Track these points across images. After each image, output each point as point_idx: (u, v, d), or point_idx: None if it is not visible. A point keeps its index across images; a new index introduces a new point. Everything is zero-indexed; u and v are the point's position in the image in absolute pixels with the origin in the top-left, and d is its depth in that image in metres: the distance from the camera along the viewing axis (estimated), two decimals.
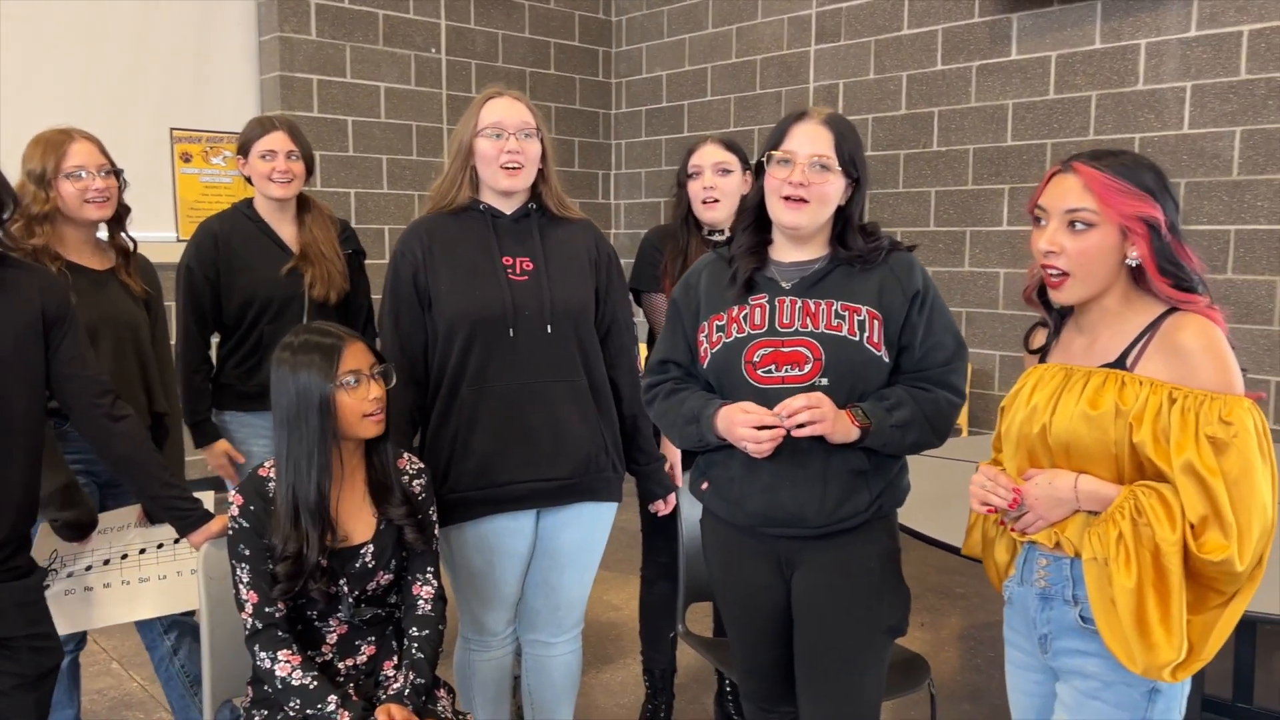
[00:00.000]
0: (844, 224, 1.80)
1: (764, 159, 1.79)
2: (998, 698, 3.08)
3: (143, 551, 2.14)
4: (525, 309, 2.12)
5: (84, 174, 2.24)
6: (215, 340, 2.73)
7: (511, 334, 2.11)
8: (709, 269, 1.91)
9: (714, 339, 1.82)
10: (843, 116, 1.81)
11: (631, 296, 2.52)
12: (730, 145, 2.69)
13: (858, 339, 1.74)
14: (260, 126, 2.68)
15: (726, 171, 2.64)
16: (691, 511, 2.52)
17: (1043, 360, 1.63)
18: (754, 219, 1.83)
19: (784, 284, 1.80)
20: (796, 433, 1.68)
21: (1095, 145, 4.48)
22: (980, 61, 4.88)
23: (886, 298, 1.77)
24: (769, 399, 1.73)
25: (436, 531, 1.97)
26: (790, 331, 1.76)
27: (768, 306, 1.79)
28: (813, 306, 1.76)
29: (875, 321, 1.75)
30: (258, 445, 2.67)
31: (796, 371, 1.74)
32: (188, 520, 1.92)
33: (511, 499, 2.14)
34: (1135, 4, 4.34)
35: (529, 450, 2.12)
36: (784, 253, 1.83)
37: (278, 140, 2.65)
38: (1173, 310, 1.48)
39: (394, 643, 1.92)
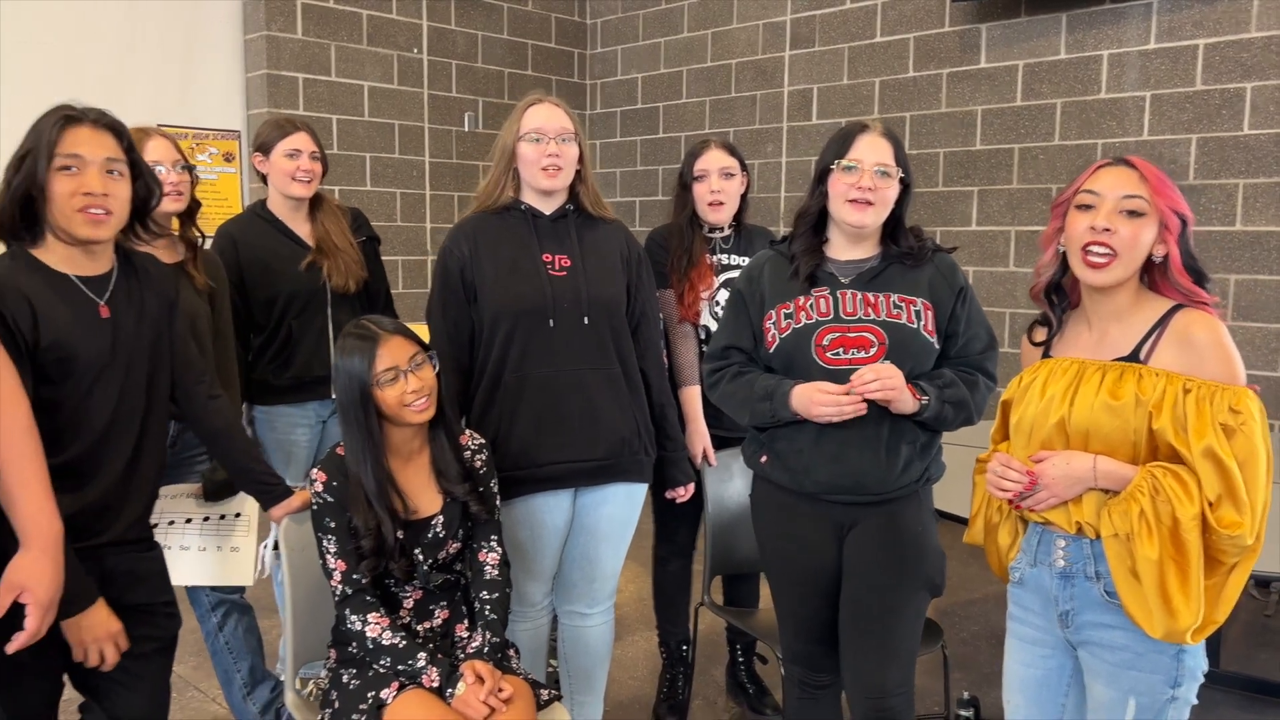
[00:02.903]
0: (895, 224, 2.03)
1: (830, 166, 1.99)
2: (986, 668, 3.29)
3: (189, 521, 2.23)
4: (564, 302, 2.26)
5: (161, 169, 2.33)
6: None
7: (551, 325, 2.25)
8: (770, 263, 2.10)
9: (782, 325, 2.02)
10: (894, 129, 2.04)
11: None
12: (732, 150, 2.85)
13: (915, 327, 1.98)
14: (281, 128, 2.78)
15: (730, 175, 2.80)
16: (717, 490, 2.68)
17: (1046, 354, 1.77)
18: (814, 222, 2.04)
19: (843, 279, 2.02)
20: (872, 395, 1.89)
21: (1060, 150, 4.74)
22: (950, 69, 5.12)
23: (936, 291, 2.01)
24: (837, 379, 1.95)
25: (498, 502, 2.10)
26: (854, 319, 1.98)
27: (830, 298, 2.00)
28: (873, 298, 1.99)
29: (928, 312, 1.99)
30: (299, 434, 2.76)
31: (862, 354, 1.96)
32: (271, 495, 2.03)
33: (551, 478, 2.28)
34: (1098, 17, 4.60)
35: (567, 433, 2.27)
36: (840, 251, 2.05)
37: (302, 140, 2.76)
38: (1179, 307, 1.63)
39: (463, 607, 2.05)
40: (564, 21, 6.74)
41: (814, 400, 1.92)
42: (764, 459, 2.08)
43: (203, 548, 2.25)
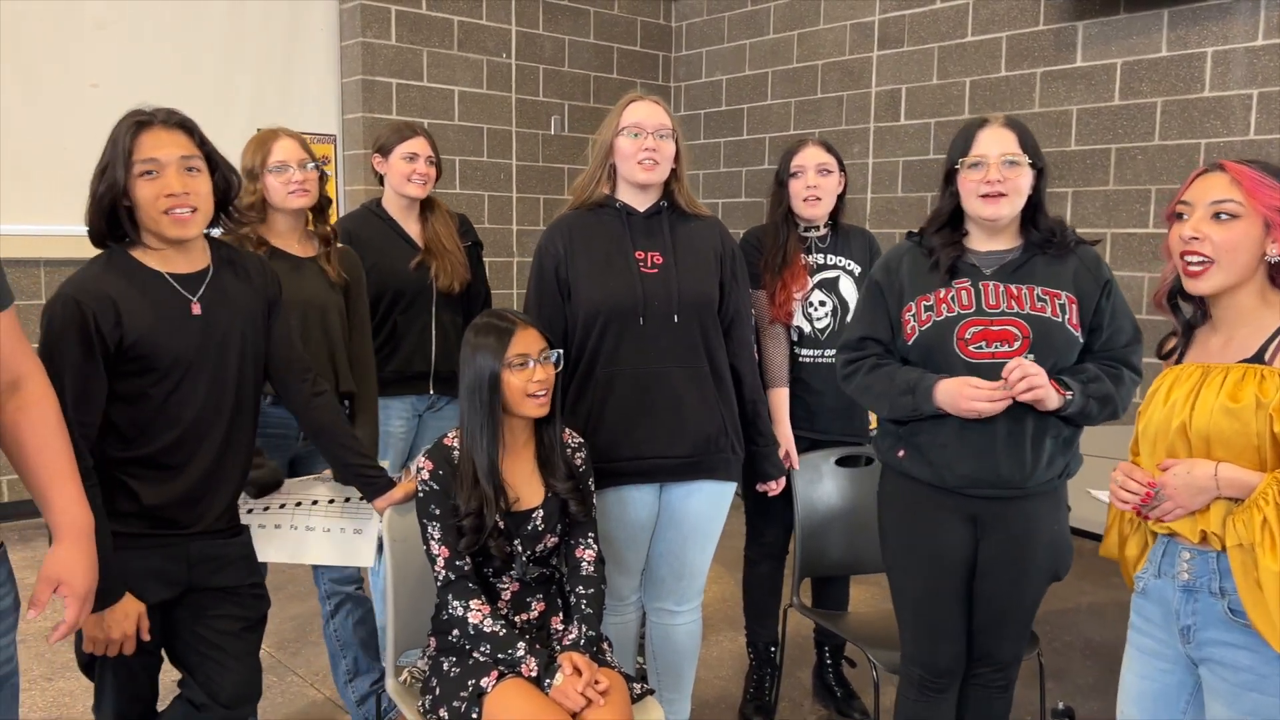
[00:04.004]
0: (1033, 209, 2.03)
1: (955, 166, 2.01)
2: (1079, 679, 3.22)
3: (315, 503, 2.30)
4: (655, 300, 2.29)
5: (287, 168, 2.44)
6: None
7: (642, 322, 2.28)
8: (909, 255, 2.11)
9: (923, 318, 2.03)
10: (1017, 118, 2.04)
11: None
12: (829, 147, 2.85)
13: (1060, 320, 1.98)
14: (400, 133, 2.87)
15: (827, 172, 2.79)
16: (806, 492, 2.68)
17: (1177, 363, 1.73)
18: (947, 220, 2.06)
19: (985, 270, 2.03)
20: (1021, 397, 1.90)
21: (1160, 150, 4.61)
22: (1045, 68, 5.01)
23: (1081, 284, 2.01)
24: (980, 373, 1.96)
25: (595, 500, 2.14)
26: (998, 312, 1.98)
27: (972, 289, 2.01)
28: (1015, 290, 1.99)
29: (1073, 305, 1.99)
30: (394, 426, 2.85)
31: (1006, 348, 1.97)
32: (374, 486, 2.10)
33: (638, 472, 2.31)
34: (1202, 13, 4.46)
35: (653, 429, 2.29)
36: (980, 243, 2.06)
37: (420, 145, 2.86)
38: None
39: (559, 601, 2.09)
40: (649, 25, 6.79)
41: (963, 394, 1.93)
42: (901, 453, 2.09)
43: (328, 529, 2.32)
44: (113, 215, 1.76)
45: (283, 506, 2.26)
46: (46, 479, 1.53)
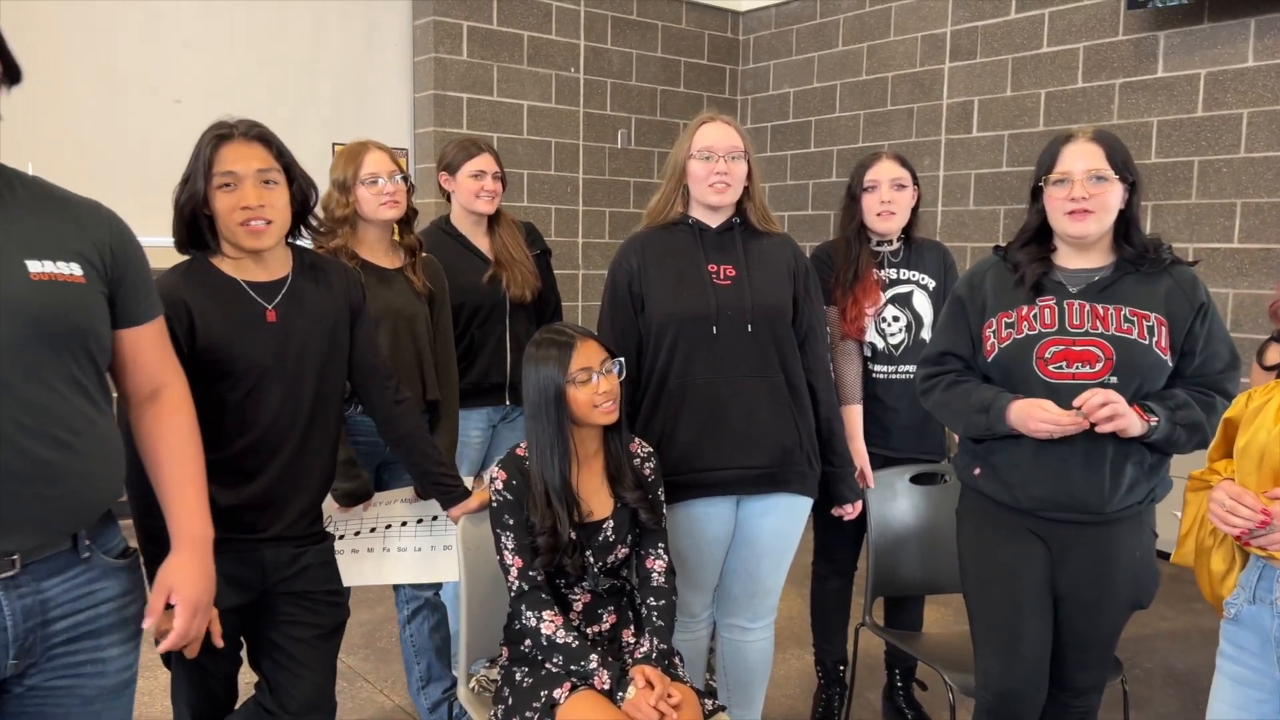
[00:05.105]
0: (1127, 225, 1.98)
1: (1039, 184, 1.97)
2: (1161, 707, 3.11)
3: (404, 524, 2.35)
4: (728, 309, 2.28)
5: (378, 180, 2.48)
6: None
7: (715, 332, 2.27)
8: (993, 270, 2.08)
9: (1003, 335, 1.99)
10: (1107, 130, 1.99)
11: None
12: (904, 161, 2.80)
13: (1147, 343, 1.92)
14: (467, 150, 2.90)
15: (901, 186, 2.75)
16: (880, 510, 2.64)
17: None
18: (1033, 236, 2.02)
19: (1071, 288, 1.98)
20: (1101, 426, 1.85)
21: (1246, 163, 4.47)
22: (1124, 79, 4.90)
23: (1172, 306, 1.94)
24: (1058, 393, 1.91)
25: (665, 510, 2.13)
26: (1081, 332, 1.93)
27: (1056, 308, 1.96)
28: (1101, 310, 1.94)
29: (1162, 327, 1.93)
30: (470, 435, 2.88)
31: (1087, 369, 1.91)
32: (450, 496, 2.12)
33: (713, 484, 2.29)
34: None
35: (727, 440, 2.27)
36: (1068, 260, 2.01)
37: (487, 162, 2.89)
38: None
39: (630, 613, 2.08)
40: (717, 38, 6.79)
41: (1031, 415, 1.89)
42: (977, 471, 2.06)
43: (419, 548, 2.36)
44: (193, 224, 1.81)
45: (373, 530, 2.31)
46: (171, 487, 1.57)
